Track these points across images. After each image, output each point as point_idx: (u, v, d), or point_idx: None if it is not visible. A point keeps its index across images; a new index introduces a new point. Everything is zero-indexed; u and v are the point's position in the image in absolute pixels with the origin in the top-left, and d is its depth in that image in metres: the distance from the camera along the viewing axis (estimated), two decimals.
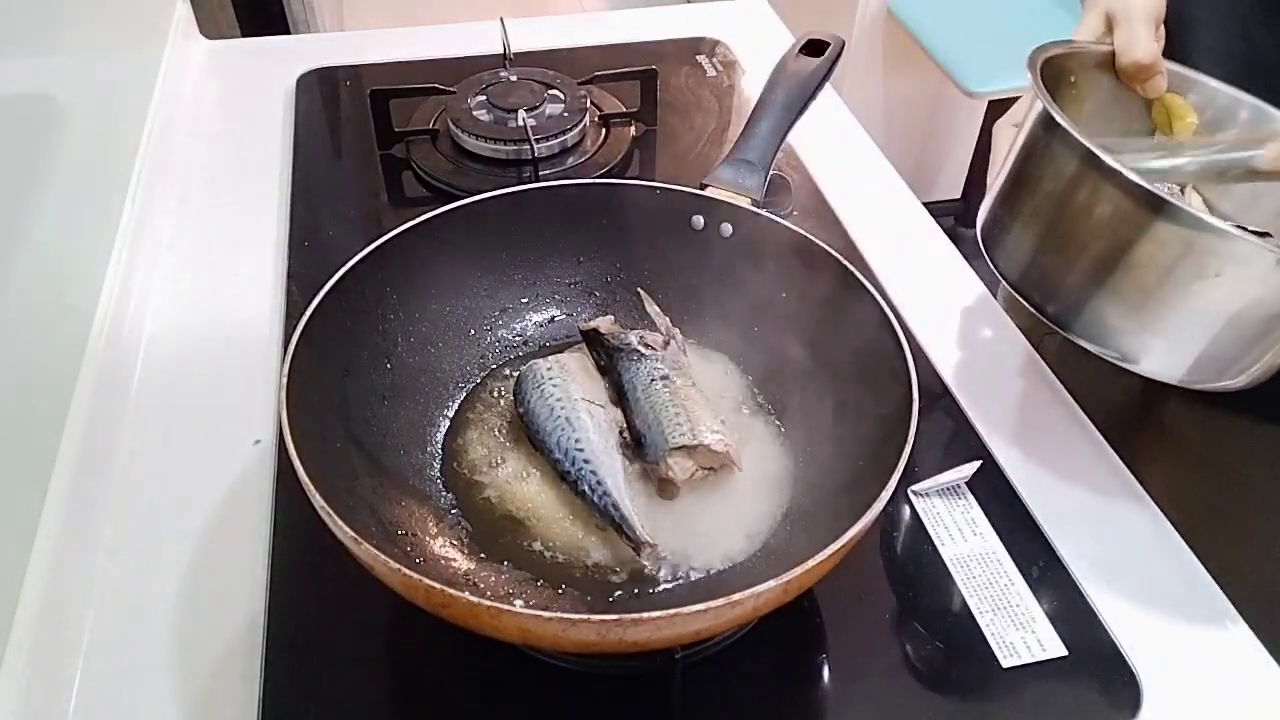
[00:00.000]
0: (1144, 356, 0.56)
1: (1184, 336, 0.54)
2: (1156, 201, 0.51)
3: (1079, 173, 0.55)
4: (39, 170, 0.64)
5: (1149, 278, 0.53)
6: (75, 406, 0.62)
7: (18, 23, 0.65)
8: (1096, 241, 0.54)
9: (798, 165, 0.91)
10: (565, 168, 0.89)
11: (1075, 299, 0.57)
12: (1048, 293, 0.58)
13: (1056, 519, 0.62)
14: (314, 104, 0.99)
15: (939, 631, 0.56)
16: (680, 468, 0.57)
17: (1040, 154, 0.58)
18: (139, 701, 0.52)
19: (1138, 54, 0.59)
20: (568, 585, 0.54)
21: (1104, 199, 0.53)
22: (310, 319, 0.54)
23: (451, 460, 0.60)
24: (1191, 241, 0.50)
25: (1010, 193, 0.61)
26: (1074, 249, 0.56)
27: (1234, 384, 0.56)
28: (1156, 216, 0.51)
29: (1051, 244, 0.58)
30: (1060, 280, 0.58)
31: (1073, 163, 0.55)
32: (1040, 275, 0.59)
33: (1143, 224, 0.52)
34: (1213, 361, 0.55)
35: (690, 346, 0.66)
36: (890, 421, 0.51)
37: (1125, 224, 0.52)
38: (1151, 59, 0.59)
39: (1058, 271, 0.58)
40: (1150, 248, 0.52)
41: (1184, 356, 0.55)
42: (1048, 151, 0.57)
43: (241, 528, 0.60)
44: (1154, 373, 0.56)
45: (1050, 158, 0.57)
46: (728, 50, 1.09)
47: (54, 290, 0.64)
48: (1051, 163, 0.57)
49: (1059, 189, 0.56)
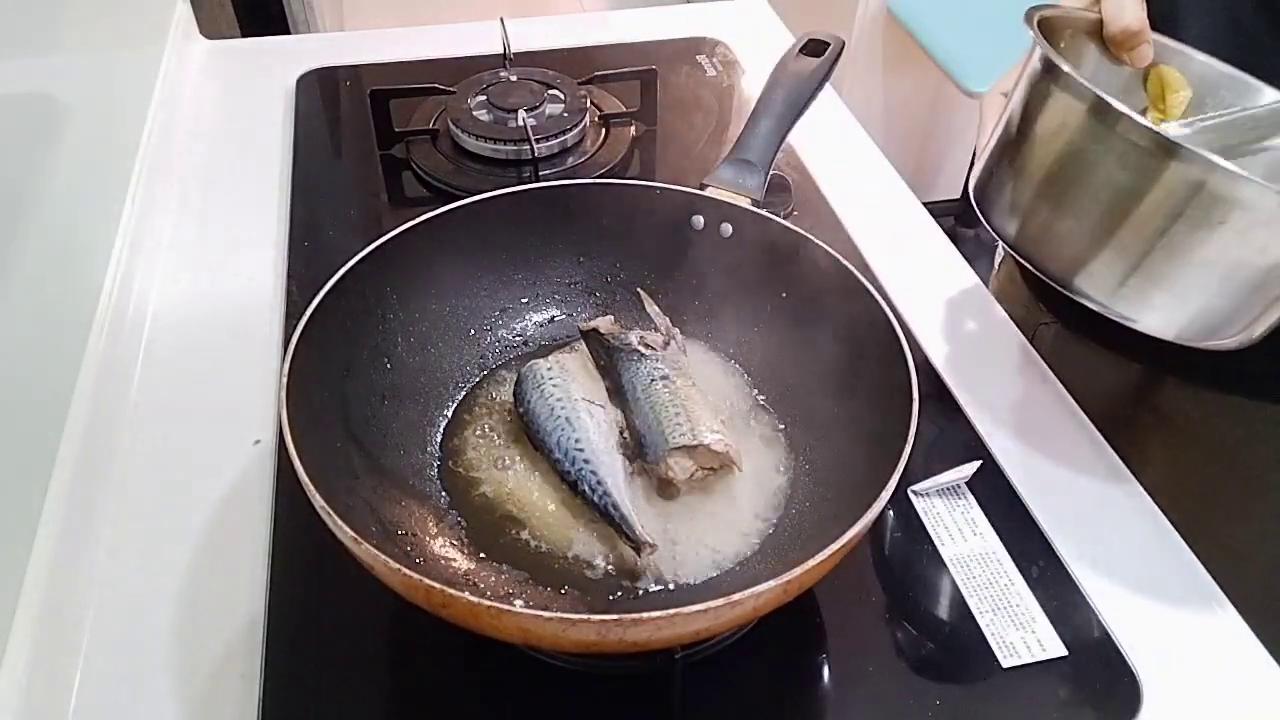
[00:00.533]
0: (1144, 312, 0.55)
1: (1185, 288, 0.53)
2: (1166, 145, 0.50)
3: (1083, 120, 0.53)
4: (39, 170, 0.64)
5: (1155, 226, 0.51)
6: (75, 406, 0.62)
7: (18, 23, 0.65)
8: (1102, 191, 0.53)
9: (798, 165, 0.91)
10: (565, 168, 0.89)
11: (1078, 254, 0.55)
12: (1049, 250, 0.57)
13: (1056, 519, 0.62)
14: (314, 104, 0.99)
15: (939, 631, 0.56)
16: (680, 468, 0.57)
17: (1041, 104, 0.56)
18: (139, 701, 0.52)
19: (1125, 20, 0.59)
20: (568, 585, 0.54)
21: (1110, 145, 0.52)
22: (310, 319, 0.54)
23: (451, 460, 0.60)
24: (1201, 184, 0.49)
25: (1008, 148, 0.59)
26: (1078, 201, 0.55)
27: (1228, 343, 0.55)
28: (1166, 160, 0.50)
29: (1054, 198, 0.57)
30: (1063, 235, 0.56)
31: (1077, 110, 0.53)
32: (1041, 231, 0.58)
33: (1151, 169, 0.50)
34: (1211, 317, 0.54)
35: (690, 346, 0.66)
36: (890, 421, 0.51)
37: (1132, 170, 0.51)
38: (1139, 26, 0.59)
39: (1061, 226, 0.56)
40: (1158, 193, 0.51)
41: (1183, 311, 0.54)
42: (1049, 101, 0.55)
43: (241, 528, 0.60)
44: (1152, 328, 0.56)
45: (1052, 107, 0.55)
46: (728, 50, 1.09)
47: (54, 290, 0.64)
48: (1054, 112, 0.55)
49: (1062, 138, 0.55)
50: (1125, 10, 0.59)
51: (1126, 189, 0.52)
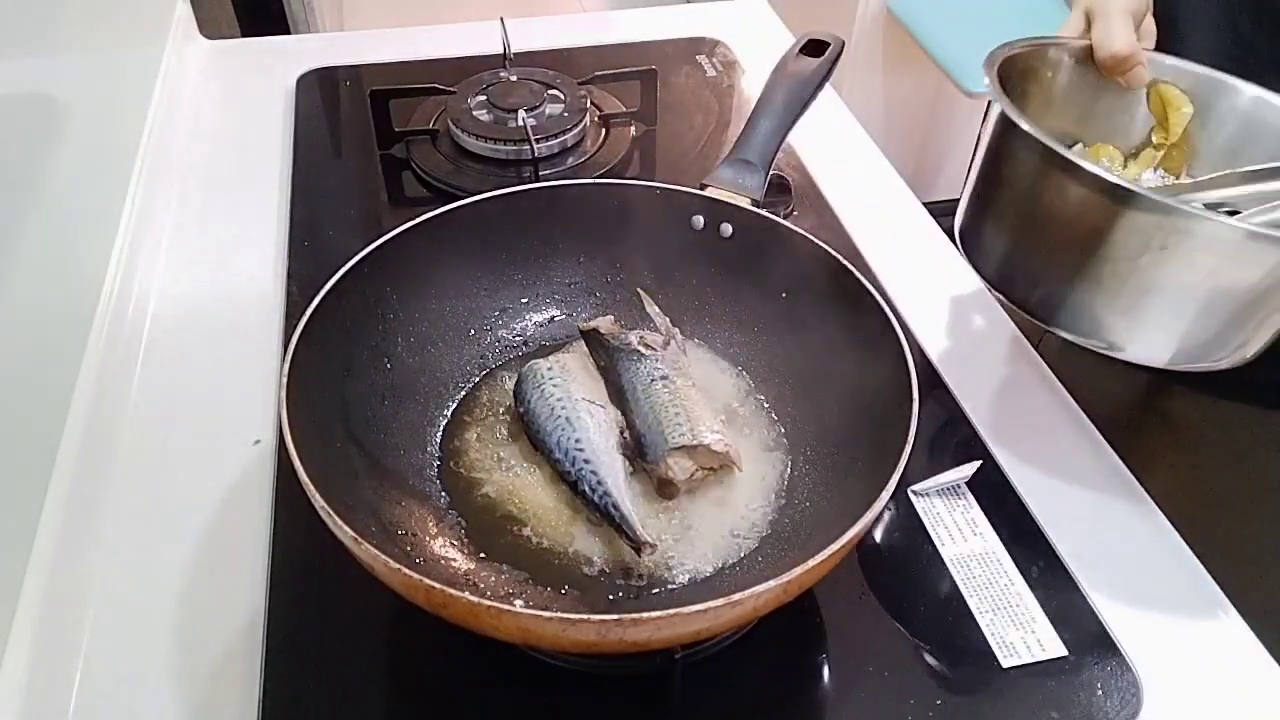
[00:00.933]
0: (1129, 344, 0.56)
1: (1165, 320, 0.55)
2: (1119, 190, 0.51)
3: (1040, 168, 0.55)
4: (39, 170, 0.64)
5: (1122, 265, 0.53)
6: (75, 406, 0.62)
7: (18, 23, 0.65)
8: (1066, 234, 0.55)
9: (798, 165, 0.91)
10: (565, 168, 0.89)
11: (1054, 293, 0.57)
12: (1026, 289, 0.59)
13: (1056, 519, 0.62)
14: (314, 104, 0.99)
15: (939, 631, 0.56)
16: (680, 468, 0.57)
17: (1002, 153, 0.59)
18: (139, 701, 0.52)
19: (1114, 46, 0.60)
20: (568, 585, 0.54)
21: (1067, 192, 0.54)
22: (310, 319, 0.54)
23: (451, 460, 0.60)
24: (1159, 225, 0.51)
25: (979, 193, 0.62)
26: (1046, 244, 0.57)
27: (1224, 363, 0.56)
28: (1120, 204, 0.52)
29: (1024, 241, 0.59)
30: (1037, 275, 0.58)
31: (1033, 159, 0.56)
32: (1017, 272, 0.60)
33: (1109, 213, 0.52)
34: (1199, 343, 0.55)
35: (690, 346, 0.66)
36: (890, 421, 0.51)
37: (1092, 214, 0.53)
38: (1128, 50, 0.60)
39: (1033, 267, 0.59)
40: (1120, 235, 0.52)
41: (1168, 340, 0.55)
42: (1008, 150, 0.58)
43: (241, 528, 0.60)
44: (1141, 358, 0.57)
45: (1011, 156, 0.58)
46: (728, 50, 1.09)
47: (54, 290, 0.64)
48: (1013, 160, 0.58)
49: (1023, 185, 0.57)
50: (1114, 37, 0.60)
51: (1090, 231, 0.53)
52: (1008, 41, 0.62)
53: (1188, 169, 0.64)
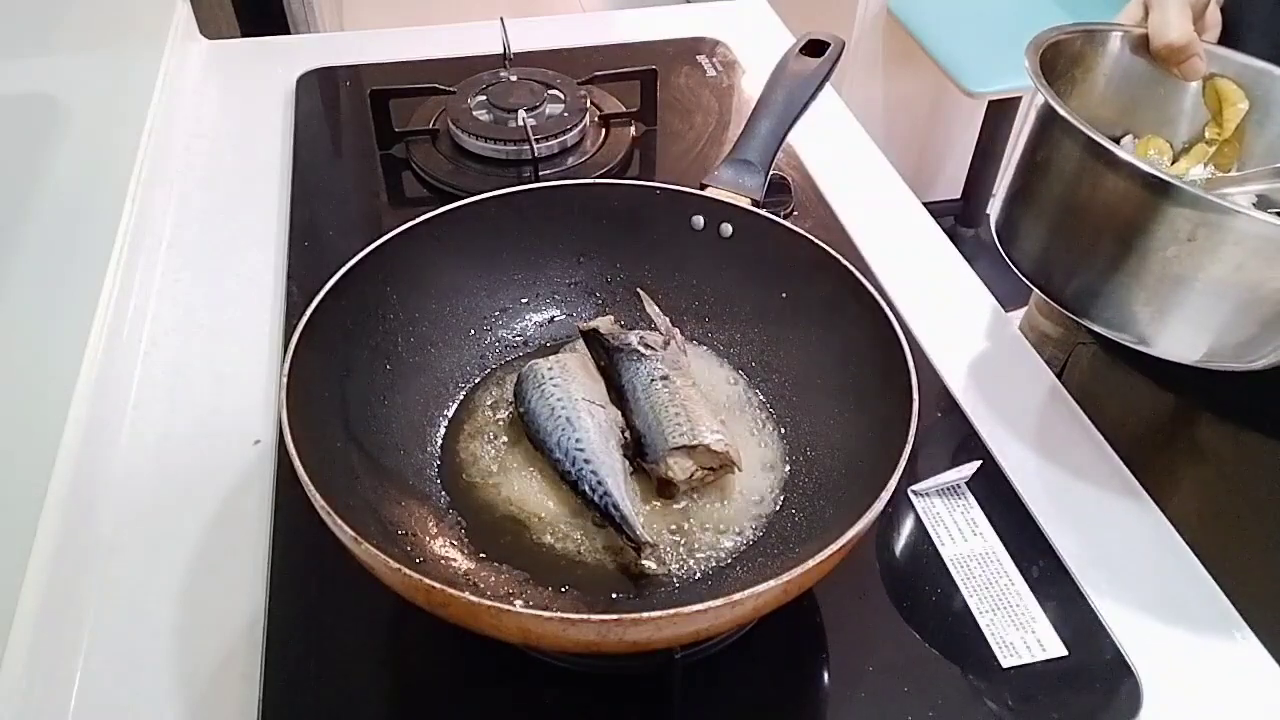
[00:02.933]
0: (1161, 340, 0.55)
1: (1196, 316, 0.54)
2: (1161, 184, 0.50)
3: (1078, 157, 0.54)
4: (39, 170, 0.64)
5: (1155, 258, 0.52)
6: (75, 406, 0.62)
7: (18, 23, 0.65)
8: (1106, 228, 0.54)
9: (798, 165, 0.91)
10: (565, 168, 0.89)
11: (1090, 287, 0.56)
12: (1062, 281, 0.58)
13: (1056, 519, 0.62)
14: (314, 104, 0.99)
15: (939, 631, 0.56)
16: (680, 468, 0.57)
17: (1042, 141, 0.57)
18: (139, 701, 0.52)
19: (1170, 36, 0.58)
20: (568, 585, 0.54)
21: (1104, 181, 0.53)
22: (310, 319, 0.54)
23: (451, 460, 0.60)
24: (1201, 221, 0.50)
25: (1018, 184, 0.61)
26: (1084, 237, 0.56)
27: (1255, 365, 0.55)
28: (1163, 199, 0.51)
29: (1062, 233, 0.58)
30: (1074, 269, 0.57)
31: (1071, 146, 0.55)
32: (1054, 264, 0.59)
33: (1150, 207, 0.51)
34: (1232, 342, 0.54)
35: (690, 346, 0.66)
36: (890, 421, 0.51)
37: (1132, 208, 0.52)
38: (1184, 40, 0.58)
39: (1070, 259, 0.57)
40: (1154, 227, 0.51)
41: (1199, 337, 0.55)
42: (1048, 138, 0.57)
43: (241, 528, 0.60)
44: (1171, 354, 0.56)
45: (1050, 144, 0.56)
46: (728, 50, 1.09)
47: (54, 290, 0.64)
48: (1051, 149, 0.56)
49: (1065, 176, 0.56)
50: (1170, 26, 0.58)
51: (1130, 224, 0.53)
52: (1056, 25, 0.60)
53: (1238, 165, 0.63)
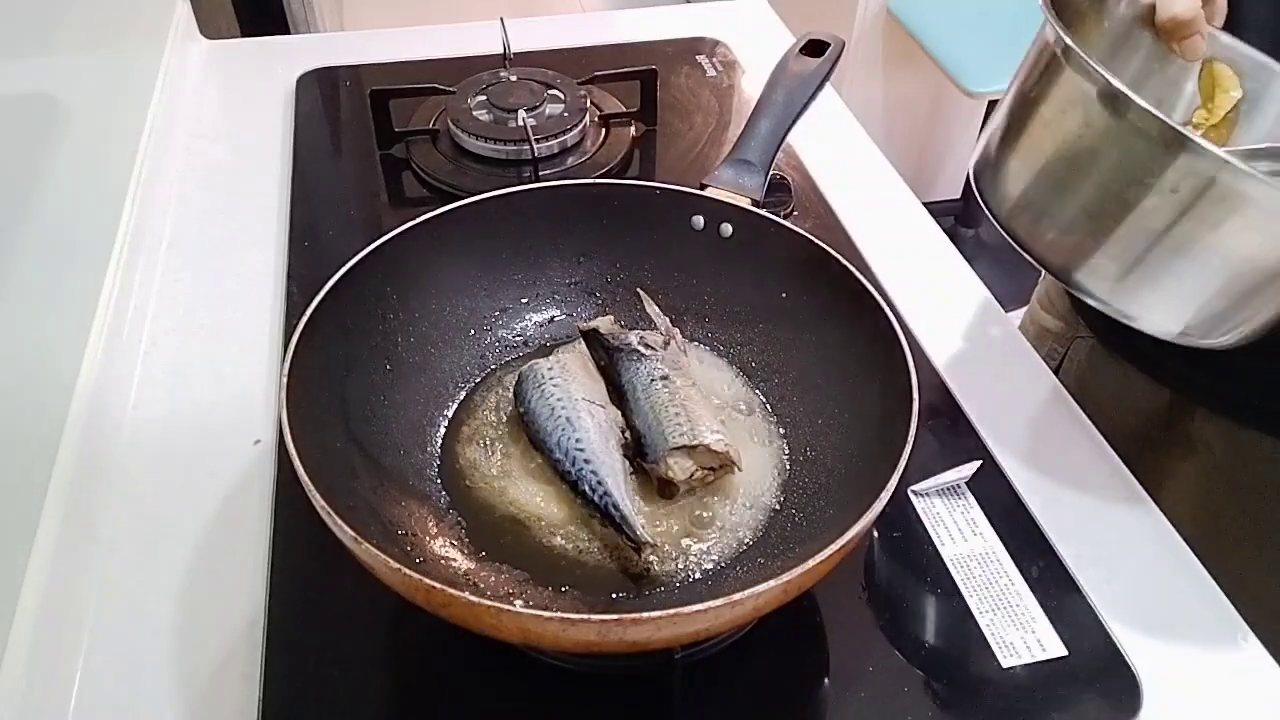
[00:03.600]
0: (1144, 310, 0.54)
1: (1188, 287, 0.52)
2: (1176, 137, 0.47)
3: (1090, 104, 0.51)
4: (39, 170, 0.64)
5: (1159, 221, 0.49)
6: (75, 406, 0.62)
7: (18, 23, 0.65)
8: (1106, 181, 0.51)
9: (798, 165, 0.91)
10: (565, 168, 0.89)
11: (1079, 246, 0.54)
12: (1048, 240, 0.55)
13: (1056, 519, 0.62)
14: (314, 104, 0.99)
15: (939, 631, 0.56)
16: (680, 468, 0.57)
17: (1048, 83, 0.53)
18: (139, 701, 0.52)
19: (1176, 9, 0.56)
20: (568, 585, 0.54)
21: (1117, 133, 0.50)
22: (310, 319, 0.54)
23: (451, 460, 0.60)
24: (1210, 180, 0.47)
25: (1011, 126, 0.57)
26: (1081, 190, 0.53)
27: (1223, 341, 0.54)
28: (1175, 153, 0.48)
29: (1055, 185, 0.54)
30: (1063, 225, 0.54)
31: (1084, 92, 0.51)
32: (1041, 220, 0.55)
33: (1158, 161, 0.48)
34: (1212, 316, 0.52)
35: (690, 346, 0.66)
36: (890, 421, 0.51)
37: (1139, 161, 0.49)
38: (1190, 15, 0.56)
39: (1061, 215, 0.54)
40: (1164, 187, 0.48)
41: (1185, 309, 0.53)
42: (1056, 80, 0.53)
43: (241, 528, 0.60)
44: (1153, 327, 0.54)
45: (1059, 87, 0.53)
46: (728, 50, 1.09)
47: (54, 289, 0.64)
48: (1060, 92, 0.53)
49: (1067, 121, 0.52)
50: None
51: (1132, 180, 0.50)
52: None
53: None
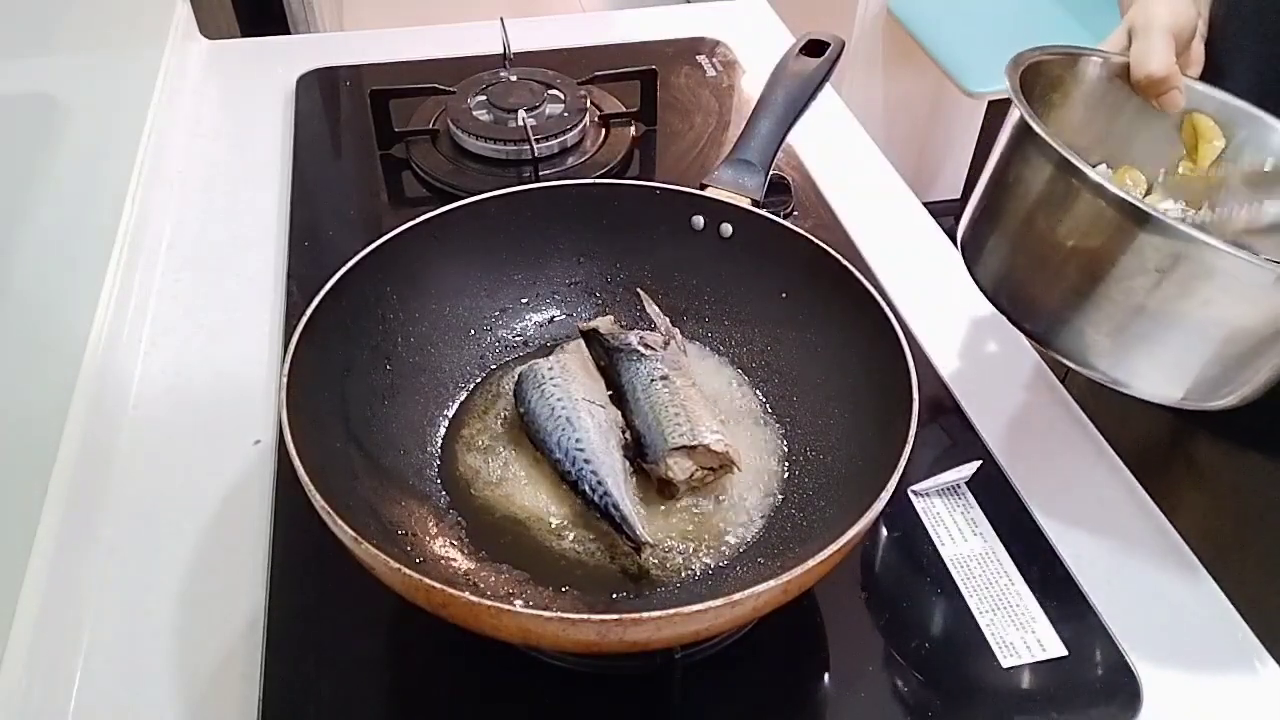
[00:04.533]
0: (1136, 378, 0.54)
1: (1174, 356, 0.52)
2: (1137, 213, 0.48)
3: (1052, 177, 0.52)
4: (39, 170, 0.64)
5: (1132, 294, 0.50)
6: (75, 406, 0.62)
7: (18, 23, 0.65)
8: (1077, 255, 0.52)
9: (798, 165, 0.91)
10: (565, 168, 0.89)
11: (1056, 316, 0.54)
12: (1026, 309, 0.56)
13: (1056, 519, 0.62)
14: (314, 104, 0.99)
15: (939, 631, 0.56)
16: (680, 468, 0.57)
17: (1015, 158, 0.55)
18: (139, 701, 0.52)
19: (1151, 66, 0.56)
20: (568, 585, 0.54)
21: (1079, 208, 0.51)
22: (310, 319, 0.54)
23: (451, 460, 0.60)
24: (1177, 255, 0.48)
25: (988, 202, 0.58)
26: (1053, 263, 0.54)
27: (1223, 403, 0.54)
28: (1138, 228, 0.48)
29: (1030, 257, 0.56)
30: (1040, 296, 0.55)
31: (1045, 166, 0.52)
32: (1019, 290, 0.57)
33: (1124, 235, 0.49)
34: (1207, 382, 0.52)
35: (690, 346, 0.66)
36: (890, 421, 0.51)
37: (1106, 237, 0.50)
38: (1164, 72, 0.56)
39: (1037, 287, 0.56)
40: (1132, 261, 0.49)
41: (1177, 378, 0.53)
42: (1021, 155, 0.55)
43: (241, 528, 0.60)
44: (1147, 394, 0.54)
45: (1023, 162, 0.54)
46: (728, 50, 1.09)
47: (54, 289, 0.64)
48: (1024, 167, 0.54)
49: (1035, 196, 0.54)
50: (1152, 56, 0.56)
51: (1100, 254, 0.50)
52: (1039, 46, 0.59)
53: (1209, 204, 0.61)
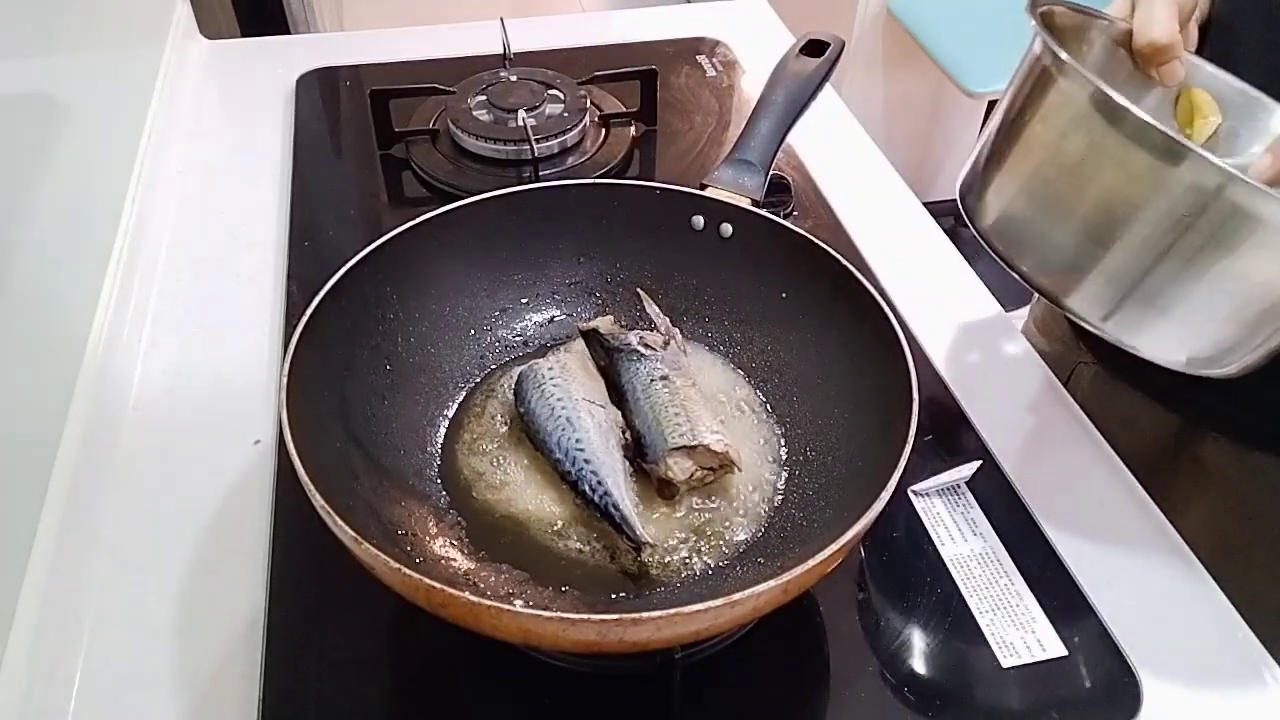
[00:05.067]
0: (1144, 338, 0.50)
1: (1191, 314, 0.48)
2: (1176, 148, 0.44)
3: (1083, 114, 0.48)
4: (39, 170, 0.64)
5: (1158, 241, 0.46)
6: (75, 406, 0.62)
7: (18, 23, 0.65)
8: (1099, 197, 0.48)
9: (798, 165, 0.91)
10: (565, 168, 0.89)
11: (1070, 268, 0.50)
12: (1038, 261, 0.52)
13: (1056, 519, 0.62)
14: (314, 104, 0.99)
15: (939, 631, 0.56)
16: (680, 468, 0.57)
17: (1039, 95, 0.51)
18: (139, 701, 0.52)
19: (1154, 33, 0.54)
20: (568, 585, 0.54)
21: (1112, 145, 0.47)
22: (310, 319, 0.54)
23: (451, 460, 0.60)
24: (1215, 196, 0.44)
25: (1000, 141, 0.54)
26: (1072, 207, 0.50)
27: (1228, 370, 0.51)
28: (1175, 166, 0.44)
29: (1045, 201, 0.51)
30: (1054, 245, 0.51)
31: (1077, 102, 0.48)
32: (1030, 239, 0.52)
33: (1156, 175, 0.45)
34: (1219, 345, 0.49)
35: (690, 346, 0.66)
36: (890, 421, 0.51)
37: (1135, 175, 0.46)
38: (1168, 40, 0.54)
39: (1052, 235, 0.51)
40: (1163, 204, 0.45)
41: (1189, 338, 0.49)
42: (1047, 91, 0.50)
43: (241, 528, 0.60)
44: (1156, 356, 0.51)
45: (1050, 98, 0.50)
46: (728, 50, 1.09)
47: (54, 290, 0.64)
48: (1051, 103, 0.50)
49: (1058, 133, 0.50)
50: (1155, 23, 0.54)
51: (1127, 196, 0.47)
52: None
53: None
